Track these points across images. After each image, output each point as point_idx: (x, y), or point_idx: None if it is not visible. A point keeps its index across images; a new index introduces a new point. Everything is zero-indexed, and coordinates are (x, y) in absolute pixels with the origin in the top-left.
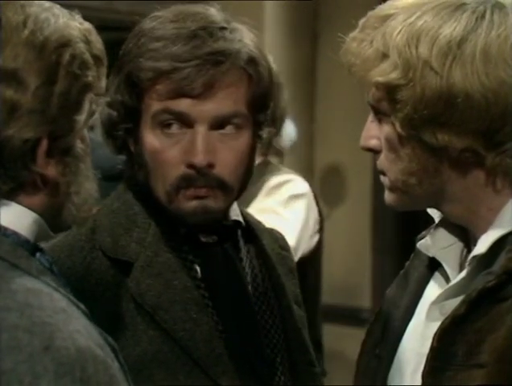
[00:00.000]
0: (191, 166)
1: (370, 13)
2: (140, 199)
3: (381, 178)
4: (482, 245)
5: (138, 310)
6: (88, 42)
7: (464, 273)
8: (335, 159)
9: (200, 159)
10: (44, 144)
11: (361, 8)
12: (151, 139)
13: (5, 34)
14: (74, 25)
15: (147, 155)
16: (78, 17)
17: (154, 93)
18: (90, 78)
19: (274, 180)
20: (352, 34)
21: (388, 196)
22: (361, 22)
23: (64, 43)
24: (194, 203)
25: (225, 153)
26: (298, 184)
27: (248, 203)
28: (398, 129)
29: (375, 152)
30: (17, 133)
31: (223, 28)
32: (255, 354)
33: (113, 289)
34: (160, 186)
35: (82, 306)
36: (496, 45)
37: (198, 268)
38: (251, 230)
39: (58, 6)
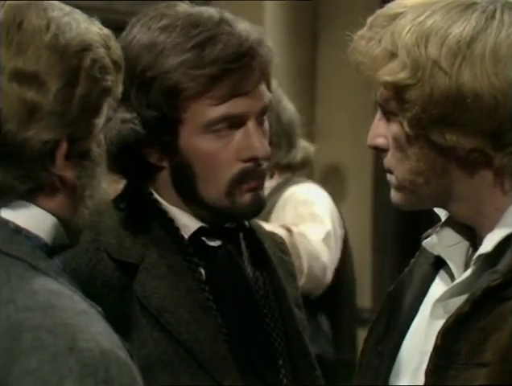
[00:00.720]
0: (251, 159)
1: (379, 11)
2: (145, 202)
3: (388, 176)
4: (488, 244)
5: (143, 312)
6: (107, 47)
7: (469, 272)
8: (335, 159)
9: (262, 151)
10: (64, 146)
11: (361, 8)
12: (205, 144)
13: (27, 37)
14: (94, 30)
15: (199, 160)
16: (97, 22)
17: (208, 99)
18: (110, 82)
19: (298, 194)
20: (360, 33)
21: (394, 195)
22: (369, 20)
23: (85, 48)
24: (250, 196)
25: (266, 143)
26: (322, 200)
27: (268, 212)
28: (406, 128)
29: (382, 150)
30: (37, 134)
31: (234, 20)
32: (259, 356)
33: (119, 291)
34: (213, 188)
35: (99, 309)
36: (506, 45)
37: (202, 271)
38: (253, 233)
39: (78, 11)
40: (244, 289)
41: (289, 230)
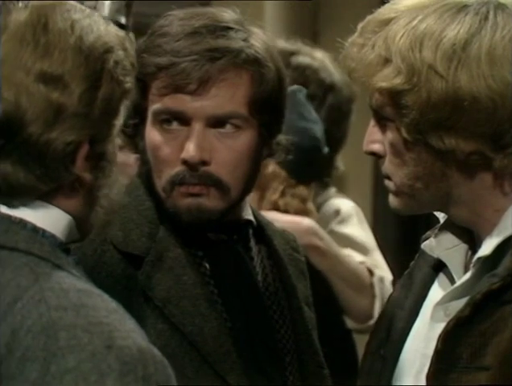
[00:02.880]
0: (184, 162)
1: (369, 17)
2: (151, 195)
3: (386, 182)
4: (487, 247)
5: (147, 303)
6: (125, 49)
7: (468, 275)
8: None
9: (191, 156)
10: (85, 147)
11: (362, 8)
12: (152, 135)
13: (53, 38)
14: (113, 32)
15: (149, 151)
16: (112, 24)
17: (155, 89)
18: (129, 84)
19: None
20: (351, 39)
21: (393, 200)
22: (360, 26)
23: (108, 49)
24: (188, 201)
25: (222, 151)
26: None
27: None
28: (404, 134)
29: (378, 156)
30: (60, 135)
31: (227, 28)
32: (264, 352)
33: (123, 282)
34: (158, 182)
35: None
36: (501, 47)
37: (207, 265)
38: (262, 230)
39: (96, 13)
40: (249, 284)
41: (371, 271)
